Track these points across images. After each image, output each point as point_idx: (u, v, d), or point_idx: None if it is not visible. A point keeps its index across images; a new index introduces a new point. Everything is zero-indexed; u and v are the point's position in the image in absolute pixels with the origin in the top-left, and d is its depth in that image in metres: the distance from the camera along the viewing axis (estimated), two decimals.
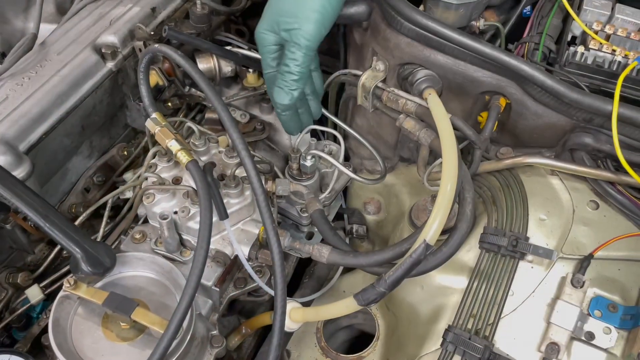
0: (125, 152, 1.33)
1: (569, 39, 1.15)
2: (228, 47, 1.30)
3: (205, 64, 1.32)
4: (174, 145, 0.95)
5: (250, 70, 1.34)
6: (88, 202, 1.26)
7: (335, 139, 1.26)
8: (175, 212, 0.98)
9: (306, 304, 1.18)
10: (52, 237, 0.89)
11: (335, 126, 1.37)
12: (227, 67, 1.34)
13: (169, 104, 1.36)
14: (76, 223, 1.11)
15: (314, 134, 1.29)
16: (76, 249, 0.90)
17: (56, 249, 1.13)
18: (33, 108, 1.06)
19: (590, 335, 0.92)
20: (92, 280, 0.94)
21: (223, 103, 0.92)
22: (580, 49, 1.06)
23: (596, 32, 1.10)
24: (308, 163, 1.14)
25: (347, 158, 1.38)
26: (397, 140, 1.24)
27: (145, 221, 1.07)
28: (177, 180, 1.02)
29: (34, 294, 1.05)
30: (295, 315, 0.98)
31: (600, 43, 1.07)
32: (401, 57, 1.06)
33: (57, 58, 1.15)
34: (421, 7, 1.08)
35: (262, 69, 1.05)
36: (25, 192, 0.88)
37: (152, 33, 1.25)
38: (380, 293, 0.86)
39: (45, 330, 0.97)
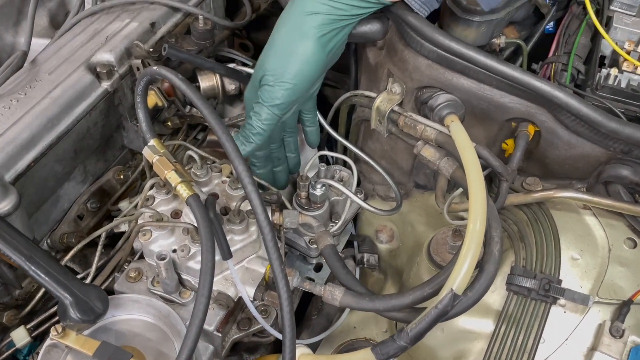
0: (122, 176, 1.24)
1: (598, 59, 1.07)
2: (232, 65, 1.22)
3: (208, 82, 1.24)
4: (173, 178, 0.87)
5: None
6: (81, 230, 1.18)
7: (345, 164, 1.18)
8: (174, 251, 0.89)
9: (315, 344, 1.09)
10: (37, 280, 0.81)
11: (345, 149, 1.29)
12: (231, 85, 1.26)
13: (169, 123, 1.28)
14: (68, 256, 1.02)
15: (323, 154, 1.21)
16: (64, 294, 0.82)
17: None
18: (21, 133, 0.97)
19: None
20: (82, 327, 0.85)
21: (228, 132, 0.84)
22: (614, 71, 0.98)
23: (628, 53, 1.01)
24: (318, 192, 1.06)
25: (357, 182, 1.30)
26: (413, 166, 1.16)
27: (142, 256, 0.98)
28: (176, 214, 0.94)
29: (20, 336, 0.96)
30: None
31: (635, 65, 0.99)
32: (420, 80, 0.98)
33: (48, 78, 1.06)
34: (436, 24, 1.00)
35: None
36: (6, 231, 0.80)
37: (151, 50, 1.16)
38: (401, 347, 0.78)
39: None
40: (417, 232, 1.16)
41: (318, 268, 1.19)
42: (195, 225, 0.86)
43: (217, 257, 0.88)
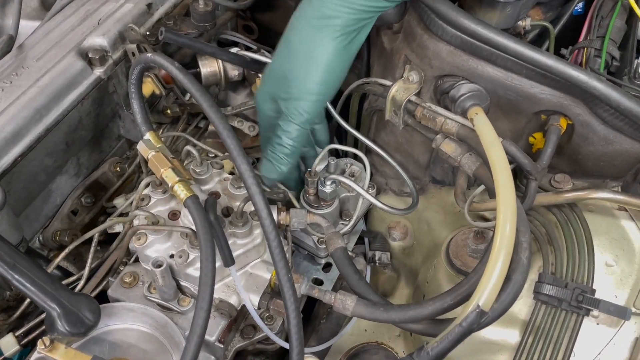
0: (118, 169, 1.17)
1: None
2: (235, 49, 1.13)
3: (209, 67, 1.16)
4: (169, 176, 0.79)
5: (260, 75, 1.17)
6: (76, 226, 1.11)
7: (356, 157, 1.10)
8: (172, 256, 0.82)
9: (324, 351, 1.02)
10: (22, 291, 0.74)
11: (356, 141, 1.20)
12: (234, 71, 1.18)
13: (168, 111, 1.20)
14: (59, 258, 0.95)
15: (332, 147, 1.12)
16: (51, 305, 0.75)
17: None
18: (6, 126, 0.90)
19: None
20: (72, 339, 0.79)
21: (228, 126, 0.76)
22: None
23: None
24: (327, 189, 0.98)
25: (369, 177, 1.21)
26: (430, 160, 1.08)
27: (138, 259, 0.91)
28: (174, 215, 0.86)
29: (8, 345, 0.89)
30: None
31: None
32: (441, 68, 0.89)
33: (36, 65, 0.98)
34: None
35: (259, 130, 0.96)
36: None
37: (147, 34, 1.08)
38: None
39: None
40: (433, 231, 1.08)
41: (327, 268, 1.11)
42: (194, 229, 0.79)
43: (219, 263, 0.80)
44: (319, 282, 1.10)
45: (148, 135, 0.88)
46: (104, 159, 1.17)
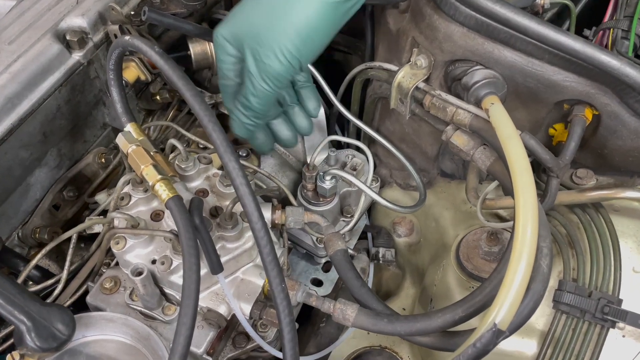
0: (104, 160, 1.09)
1: None
2: None
3: (200, 48, 1.08)
4: (150, 174, 0.71)
5: None
6: (58, 222, 1.04)
7: (358, 148, 1.01)
8: (154, 261, 0.74)
9: (324, 358, 0.95)
10: None
11: (358, 130, 1.12)
12: None
13: (157, 97, 1.12)
14: (36, 259, 0.88)
15: (333, 139, 1.04)
16: (19, 318, 0.67)
17: None
18: None
19: None
20: (43, 355, 0.71)
21: (215, 120, 0.67)
22: None
23: None
24: (327, 185, 0.90)
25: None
26: (439, 152, 0.99)
27: None
28: (157, 216, 0.78)
29: None
30: None
31: None
32: (453, 52, 0.80)
33: (7, 49, 0.90)
34: None
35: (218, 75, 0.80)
36: None
37: (132, 14, 0.99)
38: None
39: None
40: (442, 228, 1.00)
41: (327, 267, 1.04)
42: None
43: (206, 270, 0.73)
44: (318, 283, 1.03)
45: (129, 127, 0.80)
46: (88, 150, 1.09)
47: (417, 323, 0.72)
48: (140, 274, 0.70)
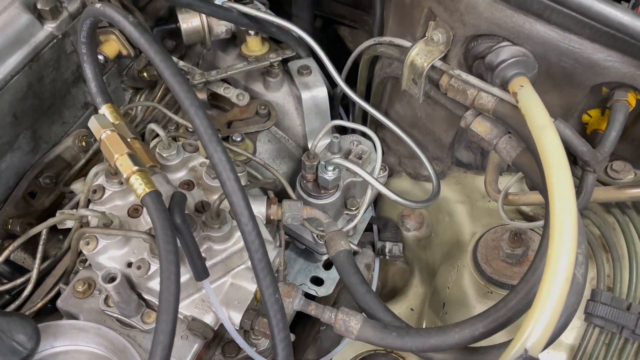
0: (84, 143, 0.99)
1: None
2: (220, 0, 0.93)
3: (190, 22, 0.98)
4: (125, 165, 0.62)
5: (252, 32, 0.98)
6: (32, 212, 0.94)
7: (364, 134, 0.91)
8: (130, 265, 0.65)
9: None
10: None
11: (364, 113, 1.01)
12: (220, 27, 1.00)
13: (145, 74, 1.02)
14: (2, 258, 0.79)
15: (336, 124, 0.94)
16: None
17: None
18: None
19: None
20: None
21: (198, 104, 0.58)
22: None
23: None
24: (329, 176, 0.80)
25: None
26: (455, 140, 0.89)
27: None
28: (135, 211, 0.69)
29: None
30: None
31: None
32: (476, 26, 0.70)
33: None
34: None
35: None
36: None
37: None
38: None
39: None
40: (456, 224, 0.90)
41: (328, 264, 0.95)
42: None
43: (189, 275, 0.64)
44: (318, 282, 0.94)
45: (104, 109, 0.70)
46: (68, 132, 1.00)
47: (431, 338, 0.63)
48: (113, 279, 0.61)
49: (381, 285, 1.09)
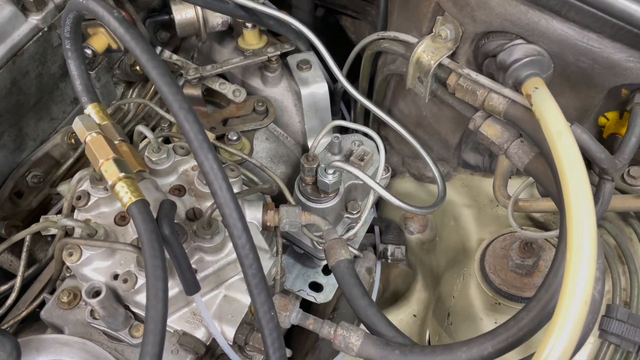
0: (73, 140, 0.95)
1: None
2: None
3: (184, 13, 0.94)
4: (110, 171, 0.57)
5: (249, 25, 0.94)
6: (20, 213, 0.90)
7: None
8: (116, 277, 0.61)
9: None
10: None
11: (367, 111, 0.97)
12: (216, 19, 0.96)
13: (137, 67, 0.98)
14: None
15: (337, 124, 0.90)
16: None
17: None
18: None
19: None
20: None
21: (187, 107, 0.53)
22: None
23: None
24: (329, 180, 0.76)
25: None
26: (461, 140, 0.84)
27: None
28: (122, 219, 0.65)
29: None
30: None
31: None
32: (488, 22, 0.65)
33: None
34: None
35: None
36: None
37: None
38: None
39: None
40: (462, 229, 0.86)
41: (327, 270, 0.91)
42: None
43: (178, 290, 0.60)
44: (318, 287, 0.90)
45: (90, 109, 0.66)
46: (56, 128, 0.96)
47: (436, 357, 0.59)
48: (97, 294, 0.57)
49: (383, 288, 1.05)
